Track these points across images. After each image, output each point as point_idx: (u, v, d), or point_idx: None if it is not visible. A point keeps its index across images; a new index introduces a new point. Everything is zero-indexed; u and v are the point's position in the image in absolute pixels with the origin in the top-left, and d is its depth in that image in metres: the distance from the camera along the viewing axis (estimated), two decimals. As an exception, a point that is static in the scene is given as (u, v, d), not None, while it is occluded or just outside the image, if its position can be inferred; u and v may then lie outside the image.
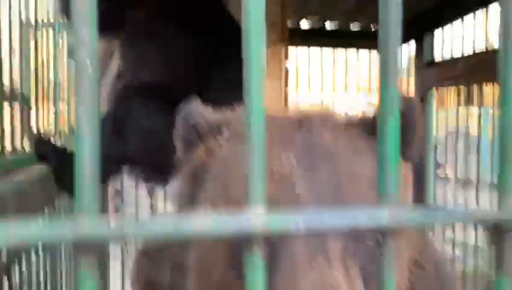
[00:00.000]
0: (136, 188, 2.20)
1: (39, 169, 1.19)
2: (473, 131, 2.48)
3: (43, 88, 1.49)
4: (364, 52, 3.09)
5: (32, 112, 1.46)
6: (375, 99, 3.54)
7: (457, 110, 2.50)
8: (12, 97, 1.22)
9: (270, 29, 2.14)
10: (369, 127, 0.69)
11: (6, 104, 1.14)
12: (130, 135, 1.23)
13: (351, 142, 0.67)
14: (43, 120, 1.52)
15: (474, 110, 2.51)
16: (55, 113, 1.63)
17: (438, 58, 2.56)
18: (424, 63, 2.58)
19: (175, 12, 1.34)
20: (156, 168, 1.30)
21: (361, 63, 3.18)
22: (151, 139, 1.23)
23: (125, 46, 1.35)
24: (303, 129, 0.68)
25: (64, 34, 1.72)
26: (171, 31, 1.32)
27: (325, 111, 0.76)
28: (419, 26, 2.58)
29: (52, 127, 1.55)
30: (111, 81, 1.37)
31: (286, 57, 2.19)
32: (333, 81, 3.19)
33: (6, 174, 0.98)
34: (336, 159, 0.64)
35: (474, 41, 2.33)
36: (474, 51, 2.29)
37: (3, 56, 1.13)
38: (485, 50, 2.26)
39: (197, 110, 0.77)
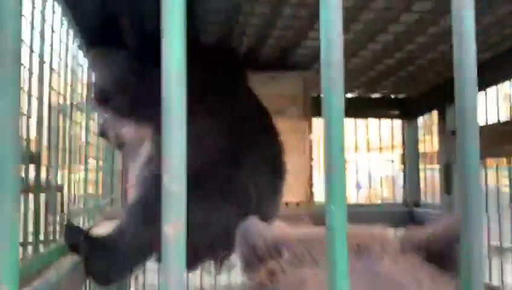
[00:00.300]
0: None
1: (71, 260, 1.20)
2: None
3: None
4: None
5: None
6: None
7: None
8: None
9: (292, 103, 2.19)
10: (423, 251, 0.69)
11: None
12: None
13: (411, 270, 0.66)
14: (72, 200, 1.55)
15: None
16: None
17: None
18: (447, 132, 2.58)
19: (205, 99, 1.39)
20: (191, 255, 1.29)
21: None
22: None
23: (157, 132, 1.39)
24: (364, 257, 0.67)
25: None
26: (203, 118, 1.36)
27: (380, 235, 0.75)
28: (441, 97, 2.61)
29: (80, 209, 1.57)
30: (140, 167, 1.40)
31: (310, 130, 2.21)
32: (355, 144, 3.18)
33: (39, 273, 0.99)
34: (399, 288, 0.63)
35: (498, 111, 2.34)
36: (498, 120, 2.29)
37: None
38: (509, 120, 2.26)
39: (256, 229, 0.76)
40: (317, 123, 2.75)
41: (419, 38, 1.92)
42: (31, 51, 1.16)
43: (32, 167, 1.12)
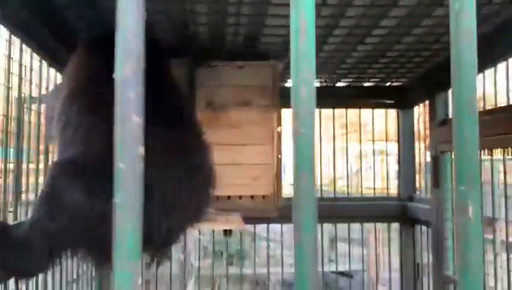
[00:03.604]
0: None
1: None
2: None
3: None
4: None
5: None
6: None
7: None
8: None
9: (260, 94, 2.12)
10: None
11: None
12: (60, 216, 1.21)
13: None
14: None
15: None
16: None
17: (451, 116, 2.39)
18: (437, 122, 2.42)
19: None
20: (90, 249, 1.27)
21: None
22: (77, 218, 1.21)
23: None
24: None
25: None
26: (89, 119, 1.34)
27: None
28: (432, 84, 2.45)
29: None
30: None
31: (279, 122, 2.13)
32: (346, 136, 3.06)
33: None
34: None
35: (496, 95, 2.15)
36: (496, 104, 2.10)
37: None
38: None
39: None
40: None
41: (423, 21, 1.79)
42: None
43: None
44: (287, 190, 2.83)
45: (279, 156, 2.11)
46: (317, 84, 2.78)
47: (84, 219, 1.22)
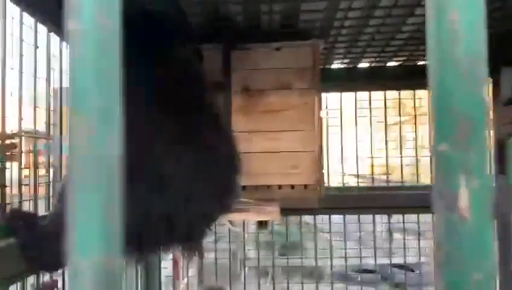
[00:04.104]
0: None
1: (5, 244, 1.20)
2: None
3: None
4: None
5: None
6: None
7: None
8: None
9: (299, 77, 1.98)
10: None
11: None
12: None
13: None
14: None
15: None
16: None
17: (519, 94, 2.12)
18: (501, 101, 2.16)
19: None
20: None
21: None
22: None
23: None
24: None
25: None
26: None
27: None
28: (495, 60, 2.18)
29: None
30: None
31: (320, 106, 1.98)
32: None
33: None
34: None
35: None
36: None
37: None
38: None
39: None
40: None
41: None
42: None
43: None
44: (345, 180, 2.69)
45: (321, 142, 1.96)
46: (366, 65, 2.59)
47: None
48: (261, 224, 1.81)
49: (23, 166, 1.55)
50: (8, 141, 1.42)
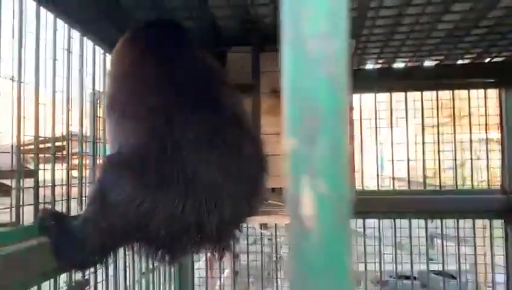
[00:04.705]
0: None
1: (37, 242, 1.24)
2: None
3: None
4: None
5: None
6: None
7: None
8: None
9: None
10: None
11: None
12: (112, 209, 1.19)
13: None
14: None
15: None
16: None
17: None
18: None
19: None
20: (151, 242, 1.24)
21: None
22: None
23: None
24: None
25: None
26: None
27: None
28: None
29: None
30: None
31: (351, 107, 1.94)
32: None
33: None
34: None
35: None
36: None
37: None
38: None
39: None
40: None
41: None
42: None
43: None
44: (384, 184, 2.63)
45: (353, 144, 1.92)
46: (402, 65, 2.52)
47: (135, 214, 1.19)
48: (264, 224, 1.78)
49: (70, 167, 1.61)
50: (57, 144, 1.48)
